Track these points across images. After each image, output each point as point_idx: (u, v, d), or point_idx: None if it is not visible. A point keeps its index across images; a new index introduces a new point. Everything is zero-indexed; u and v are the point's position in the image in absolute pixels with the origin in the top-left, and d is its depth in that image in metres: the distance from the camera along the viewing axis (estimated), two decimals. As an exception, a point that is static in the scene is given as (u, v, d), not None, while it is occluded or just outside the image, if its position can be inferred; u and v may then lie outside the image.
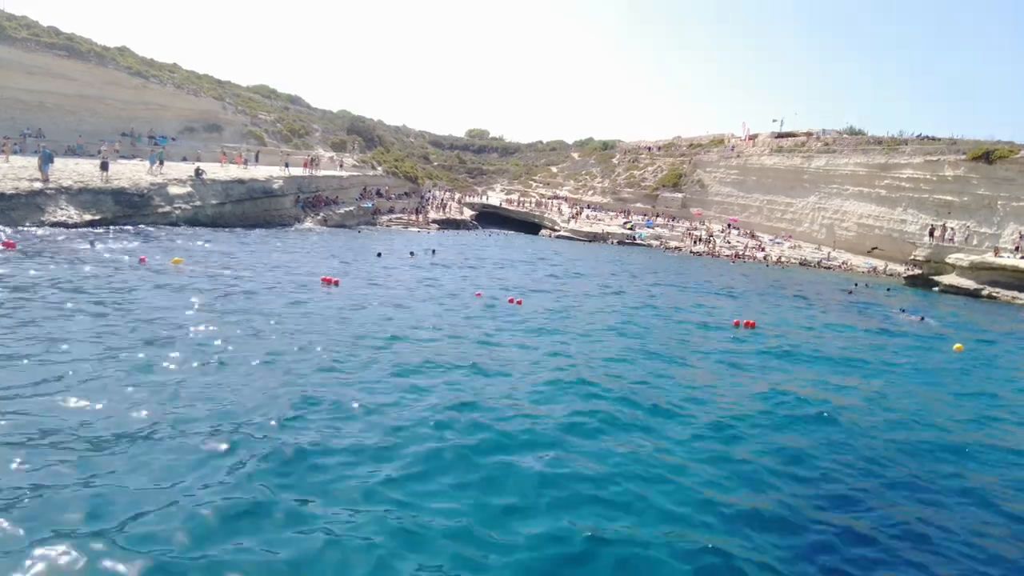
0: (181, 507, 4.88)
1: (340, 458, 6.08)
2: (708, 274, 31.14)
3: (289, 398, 7.55)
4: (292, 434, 6.48)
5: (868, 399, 10.07)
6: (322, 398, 7.65)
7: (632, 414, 8.24)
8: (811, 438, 7.98)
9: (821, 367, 12.20)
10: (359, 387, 8.27)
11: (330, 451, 6.19)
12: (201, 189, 27.19)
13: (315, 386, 8.08)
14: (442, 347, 10.90)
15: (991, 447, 8.34)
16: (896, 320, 19.94)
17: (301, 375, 8.53)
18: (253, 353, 9.25)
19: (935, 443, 8.29)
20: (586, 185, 70.54)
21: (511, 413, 7.80)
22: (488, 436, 6.97)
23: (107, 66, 36.40)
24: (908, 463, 7.47)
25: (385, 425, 7.02)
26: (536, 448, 6.80)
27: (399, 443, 6.56)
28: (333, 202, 39.55)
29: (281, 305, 12.93)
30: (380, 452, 6.31)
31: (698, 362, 11.68)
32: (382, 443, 6.51)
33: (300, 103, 64.09)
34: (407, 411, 7.55)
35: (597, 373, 10.07)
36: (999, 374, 13.33)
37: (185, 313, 11.30)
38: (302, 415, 7.06)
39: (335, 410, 7.33)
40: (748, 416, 8.55)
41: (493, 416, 7.62)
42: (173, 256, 17.55)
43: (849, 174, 45.47)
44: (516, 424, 7.45)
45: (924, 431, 8.79)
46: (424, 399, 8.05)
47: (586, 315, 15.75)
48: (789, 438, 7.91)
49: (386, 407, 7.59)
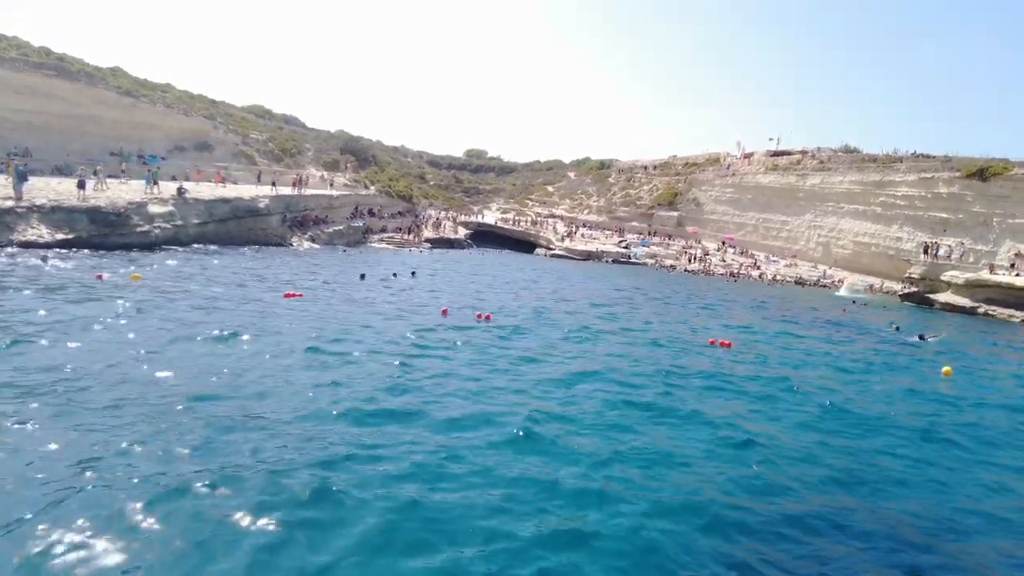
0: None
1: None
2: (698, 292, 30.60)
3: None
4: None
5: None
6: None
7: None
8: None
9: (787, 396, 10.96)
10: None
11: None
12: (183, 208, 26.85)
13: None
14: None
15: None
16: (886, 339, 19.20)
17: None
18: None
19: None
20: (582, 204, 70.39)
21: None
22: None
23: (96, 86, 36.47)
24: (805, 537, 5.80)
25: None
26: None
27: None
28: (322, 221, 39.25)
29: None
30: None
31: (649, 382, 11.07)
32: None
33: (296, 123, 64.33)
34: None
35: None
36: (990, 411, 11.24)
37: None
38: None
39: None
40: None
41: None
42: (133, 272, 17.16)
43: (844, 192, 45.15)
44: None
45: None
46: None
47: (549, 332, 15.19)
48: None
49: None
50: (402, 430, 7.43)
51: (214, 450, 6.33)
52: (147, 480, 5.52)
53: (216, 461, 6.05)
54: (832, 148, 52.55)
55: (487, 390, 9.48)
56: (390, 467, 6.30)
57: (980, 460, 8.35)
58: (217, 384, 8.46)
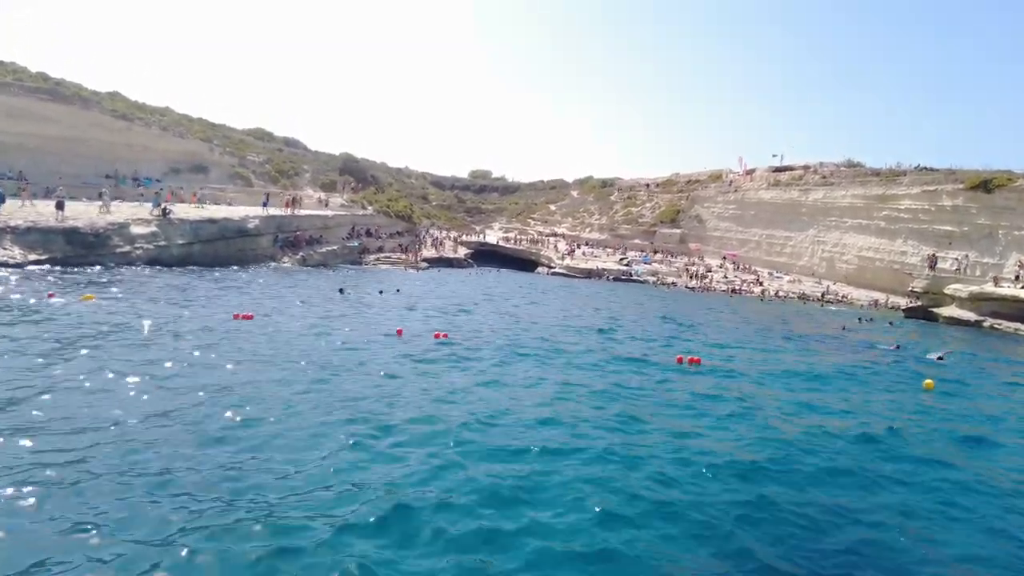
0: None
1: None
2: (692, 309, 29.78)
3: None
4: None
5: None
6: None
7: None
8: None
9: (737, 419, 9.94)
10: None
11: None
12: (167, 229, 26.58)
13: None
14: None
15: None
16: (886, 361, 17.55)
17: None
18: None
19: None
20: (584, 222, 69.97)
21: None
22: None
23: (91, 109, 36.71)
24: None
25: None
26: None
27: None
28: (316, 241, 38.98)
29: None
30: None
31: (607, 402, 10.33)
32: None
33: (298, 146, 64.69)
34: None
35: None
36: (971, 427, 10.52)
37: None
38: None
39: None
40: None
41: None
42: (87, 292, 16.50)
43: (847, 206, 44.38)
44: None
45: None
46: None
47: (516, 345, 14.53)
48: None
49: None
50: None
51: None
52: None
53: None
54: (835, 163, 51.82)
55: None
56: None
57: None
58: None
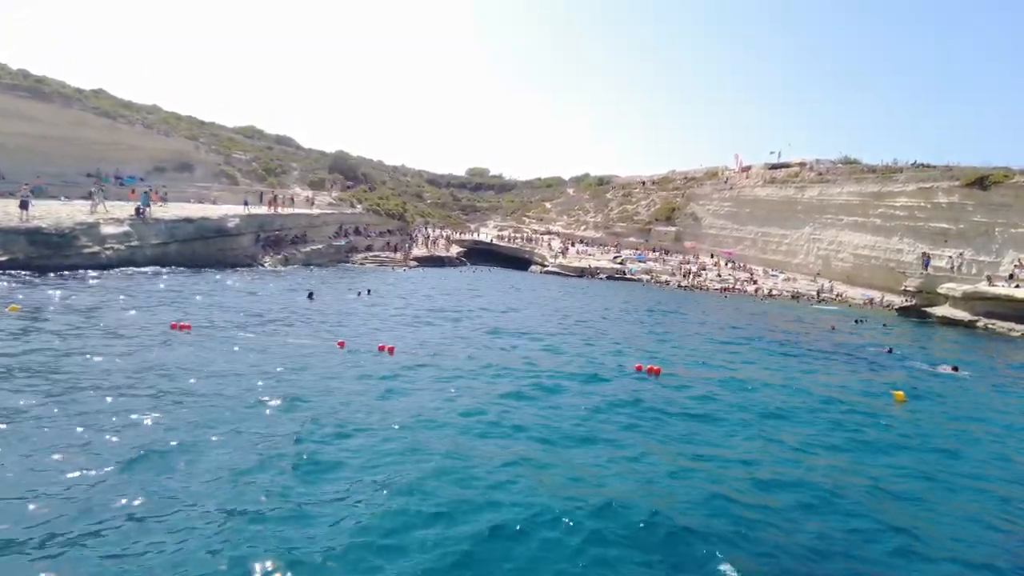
0: None
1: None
2: (677, 309, 29.13)
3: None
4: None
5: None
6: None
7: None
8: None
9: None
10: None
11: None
12: (141, 229, 26.04)
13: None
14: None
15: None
16: (871, 370, 16.29)
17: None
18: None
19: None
20: (579, 220, 69.30)
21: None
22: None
23: (72, 107, 36.13)
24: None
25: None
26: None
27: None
28: (300, 241, 38.44)
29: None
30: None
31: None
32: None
33: (290, 144, 64.09)
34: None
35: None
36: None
37: None
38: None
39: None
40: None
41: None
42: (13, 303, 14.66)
43: (843, 204, 43.64)
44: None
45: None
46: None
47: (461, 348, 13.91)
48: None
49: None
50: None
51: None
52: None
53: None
54: (831, 160, 51.08)
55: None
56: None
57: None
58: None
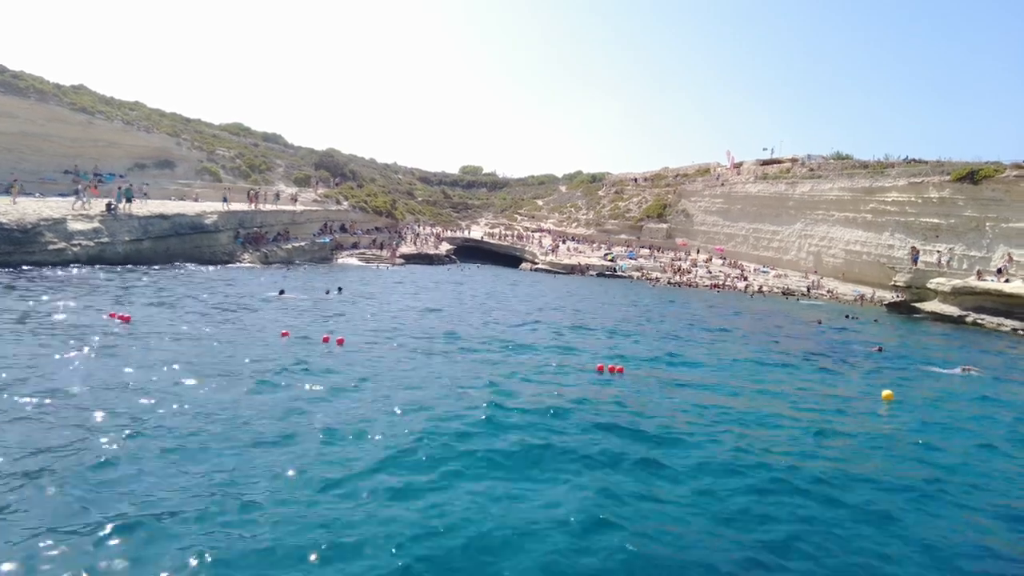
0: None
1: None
2: (661, 306, 28.59)
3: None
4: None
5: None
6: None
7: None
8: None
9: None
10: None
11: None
12: (112, 225, 25.44)
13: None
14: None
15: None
16: (854, 368, 15.56)
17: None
18: None
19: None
20: (571, 217, 68.79)
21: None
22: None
23: (48, 102, 35.46)
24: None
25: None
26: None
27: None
28: (282, 238, 37.84)
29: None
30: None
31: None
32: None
33: (279, 141, 63.29)
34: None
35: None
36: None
37: None
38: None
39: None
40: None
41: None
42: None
43: (834, 199, 43.11)
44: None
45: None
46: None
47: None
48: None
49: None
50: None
51: None
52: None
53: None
54: (823, 155, 50.60)
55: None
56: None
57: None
58: None
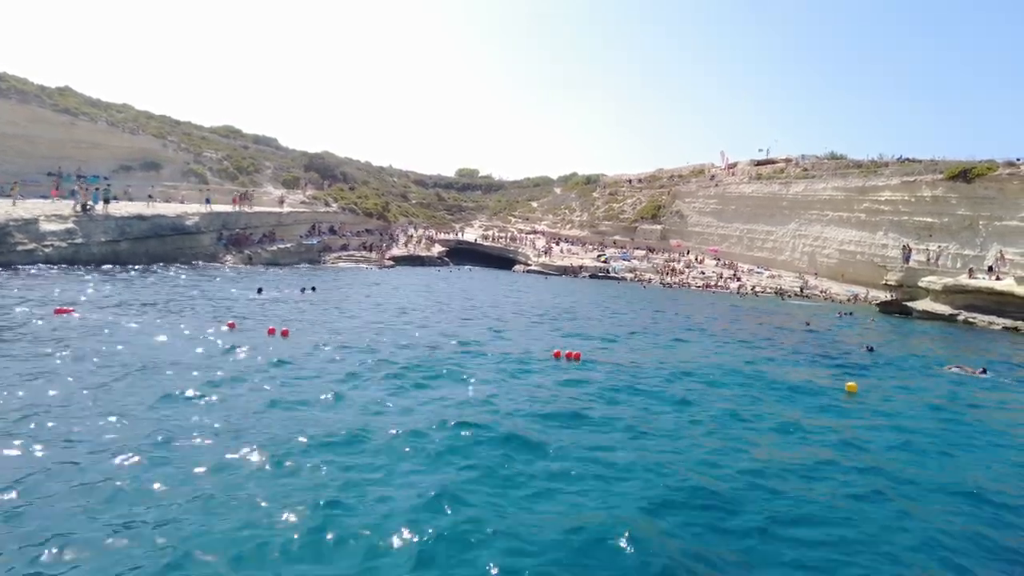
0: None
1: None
2: (646, 307, 28.06)
3: None
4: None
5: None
6: None
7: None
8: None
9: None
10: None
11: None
12: (87, 225, 24.98)
13: None
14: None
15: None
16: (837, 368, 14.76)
17: None
18: None
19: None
20: (565, 219, 68.38)
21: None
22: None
23: (30, 103, 35.06)
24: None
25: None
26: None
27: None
28: (268, 239, 37.39)
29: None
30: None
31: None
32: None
33: (270, 143, 62.86)
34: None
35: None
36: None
37: None
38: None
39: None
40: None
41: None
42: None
43: (828, 199, 42.69)
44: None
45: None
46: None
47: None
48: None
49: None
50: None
51: None
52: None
53: None
54: (817, 155, 50.19)
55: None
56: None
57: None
58: None
